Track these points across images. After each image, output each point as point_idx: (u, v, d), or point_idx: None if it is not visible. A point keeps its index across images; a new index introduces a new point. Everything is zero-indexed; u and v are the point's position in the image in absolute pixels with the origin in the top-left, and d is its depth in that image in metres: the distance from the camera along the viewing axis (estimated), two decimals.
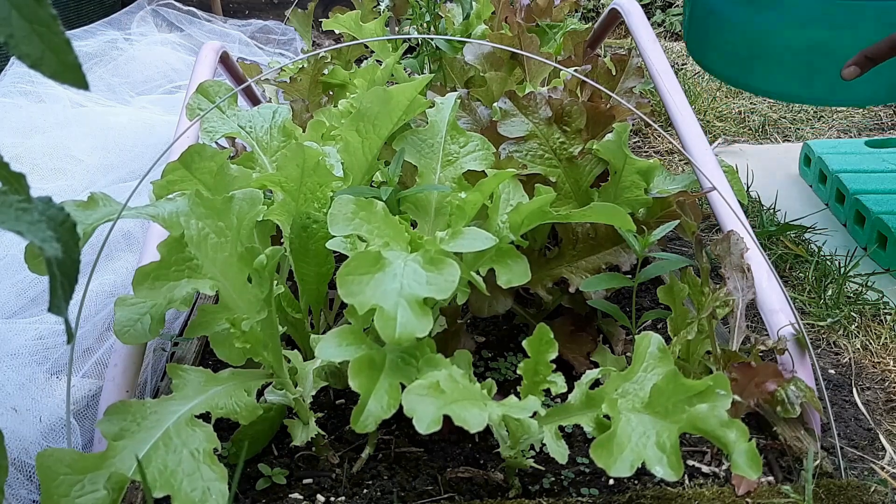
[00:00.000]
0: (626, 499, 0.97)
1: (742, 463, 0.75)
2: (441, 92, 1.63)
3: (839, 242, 1.70)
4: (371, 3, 2.50)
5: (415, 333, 0.81)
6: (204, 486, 0.81)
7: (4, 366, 1.14)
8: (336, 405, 1.19)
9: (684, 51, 3.25)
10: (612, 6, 1.80)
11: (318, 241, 1.14)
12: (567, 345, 1.24)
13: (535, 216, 1.02)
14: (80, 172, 1.71)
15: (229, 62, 1.91)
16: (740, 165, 1.94)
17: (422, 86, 1.17)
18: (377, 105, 1.17)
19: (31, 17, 0.49)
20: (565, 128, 1.27)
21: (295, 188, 1.14)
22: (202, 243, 0.92)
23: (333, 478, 1.04)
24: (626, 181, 1.24)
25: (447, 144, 1.21)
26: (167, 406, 0.89)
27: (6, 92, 1.95)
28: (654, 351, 0.91)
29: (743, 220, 1.16)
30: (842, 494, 0.95)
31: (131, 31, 2.70)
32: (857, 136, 2.42)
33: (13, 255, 1.38)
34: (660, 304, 1.36)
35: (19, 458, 1.03)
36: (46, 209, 0.53)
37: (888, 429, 1.15)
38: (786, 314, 1.11)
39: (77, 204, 0.91)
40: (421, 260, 0.87)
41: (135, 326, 0.96)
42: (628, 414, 0.83)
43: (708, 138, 1.86)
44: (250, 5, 4.17)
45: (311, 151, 1.11)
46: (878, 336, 1.37)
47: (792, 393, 1.01)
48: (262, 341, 0.95)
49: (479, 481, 1.03)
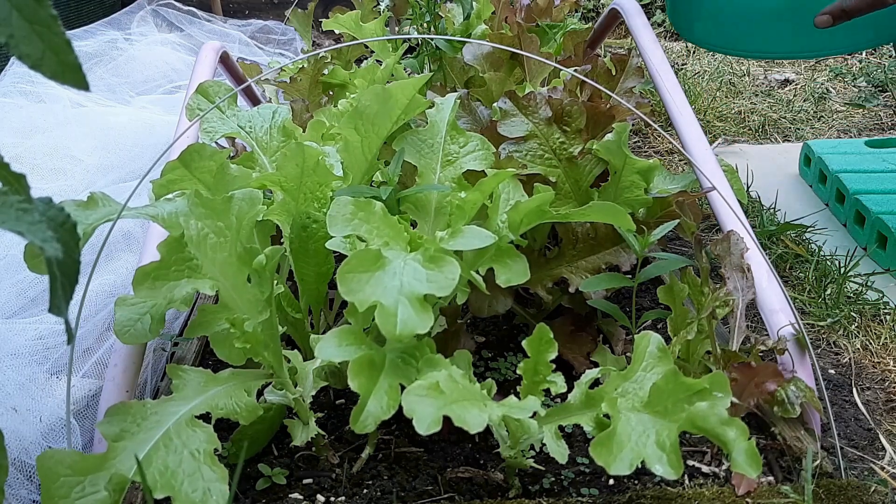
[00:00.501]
0: (626, 499, 0.97)
1: (742, 461, 0.75)
2: (441, 92, 1.63)
3: (839, 242, 1.70)
4: (371, 3, 2.50)
5: (415, 330, 0.81)
6: (204, 486, 0.81)
7: (4, 366, 1.14)
8: (336, 405, 1.19)
9: (684, 51, 3.26)
10: (612, 6, 1.80)
11: (317, 241, 1.14)
12: (567, 345, 1.24)
13: (534, 215, 1.02)
14: (80, 172, 1.71)
15: (229, 62, 1.91)
16: (740, 165, 1.94)
17: (421, 84, 1.17)
18: (376, 103, 1.17)
19: (31, 18, 0.49)
20: (565, 128, 1.27)
21: (295, 188, 1.14)
22: (202, 243, 0.92)
23: (333, 478, 1.04)
24: (625, 181, 1.24)
25: (447, 144, 1.21)
26: (167, 407, 0.89)
27: (6, 92, 1.95)
28: (653, 350, 0.91)
29: (743, 220, 1.16)
30: (842, 494, 0.95)
31: (131, 31, 2.70)
32: (857, 136, 2.42)
33: (13, 254, 1.38)
34: (660, 304, 1.36)
35: (19, 458, 1.03)
36: (47, 209, 0.53)
37: (888, 429, 1.15)
38: (786, 314, 1.11)
39: (77, 204, 0.91)
40: (421, 258, 0.88)
41: (135, 326, 0.96)
42: (628, 413, 0.83)
43: (708, 138, 1.86)
44: (250, 5, 4.17)
45: (310, 151, 1.11)
46: (878, 336, 1.37)
47: (792, 393, 1.01)
48: (262, 341, 0.95)
49: (479, 481, 1.03)
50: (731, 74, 2.97)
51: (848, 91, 2.80)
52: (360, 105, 1.17)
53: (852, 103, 2.67)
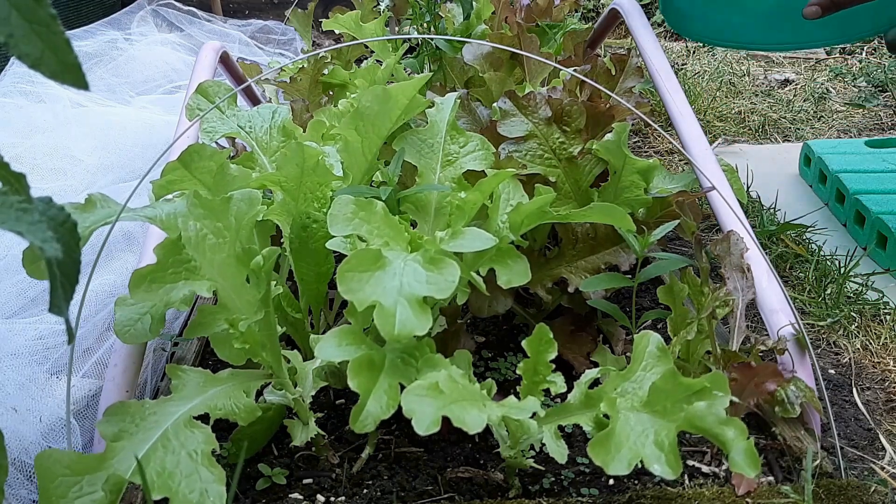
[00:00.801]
0: (626, 499, 0.97)
1: (740, 461, 0.75)
2: (441, 92, 1.63)
3: (839, 242, 1.70)
4: (371, 3, 2.50)
5: (413, 331, 0.81)
6: (202, 487, 0.81)
7: (4, 366, 1.14)
8: (336, 405, 1.19)
9: (684, 51, 3.25)
10: (612, 6, 1.80)
11: (317, 241, 1.14)
12: (567, 345, 1.24)
13: (534, 216, 1.02)
14: (80, 172, 1.71)
15: (229, 62, 1.91)
16: (740, 165, 1.94)
17: (421, 84, 1.17)
18: (376, 104, 1.17)
19: (30, 17, 0.49)
20: (565, 128, 1.27)
21: (294, 188, 1.13)
22: (200, 244, 0.92)
23: (333, 478, 1.04)
24: (625, 181, 1.24)
25: (447, 144, 1.21)
26: (166, 407, 0.89)
27: (6, 92, 1.95)
28: (652, 350, 0.91)
29: (743, 220, 1.16)
30: (842, 494, 0.95)
31: (131, 31, 2.70)
32: (857, 136, 2.42)
33: (13, 255, 1.38)
34: (660, 304, 1.36)
35: (19, 457, 1.03)
36: (47, 209, 0.53)
37: (888, 429, 1.15)
38: (786, 314, 1.11)
39: (75, 206, 0.91)
40: (421, 259, 0.87)
41: (135, 326, 0.95)
42: (627, 413, 0.83)
43: (708, 138, 1.86)
44: (250, 5, 4.17)
45: (310, 151, 1.11)
46: (878, 336, 1.37)
47: (792, 393, 1.01)
48: (261, 342, 0.95)
49: (479, 481, 1.03)
50: (731, 74, 2.97)
51: (848, 91, 2.80)
52: (360, 106, 1.17)
53: (852, 103, 2.67)
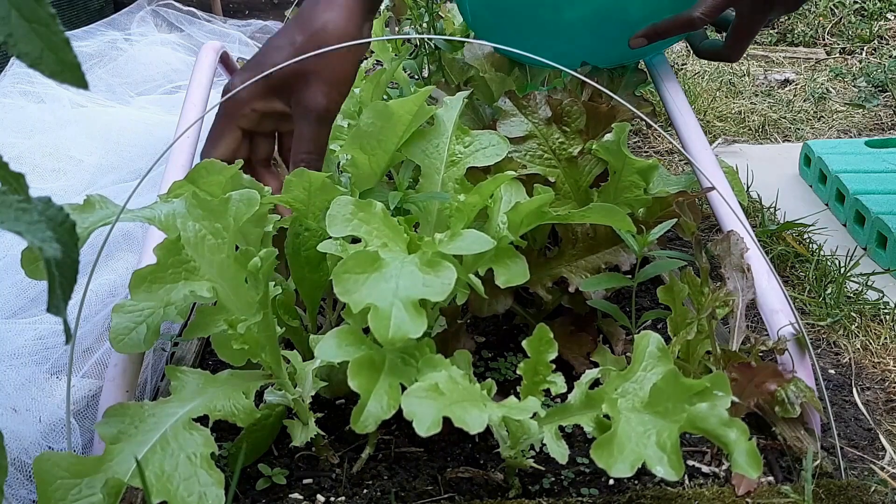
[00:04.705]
0: (626, 499, 0.97)
1: (742, 462, 0.75)
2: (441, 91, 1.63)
3: (839, 242, 1.70)
4: None
5: (408, 334, 0.80)
6: (200, 490, 0.80)
7: (4, 366, 1.14)
8: (336, 405, 1.19)
9: (684, 51, 3.25)
10: None
11: (309, 249, 1.13)
12: (567, 345, 1.24)
13: (534, 216, 1.02)
14: (80, 173, 1.71)
15: (229, 62, 1.91)
16: (740, 165, 1.93)
17: (422, 99, 1.16)
18: (378, 120, 1.16)
19: (30, 16, 0.48)
20: (565, 128, 1.27)
21: (304, 208, 1.13)
22: (199, 245, 0.91)
23: (333, 478, 1.04)
24: (625, 181, 1.24)
25: (452, 145, 1.20)
26: (165, 409, 0.89)
27: (6, 92, 1.95)
28: (653, 350, 0.91)
29: (743, 220, 1.16)
30: (842, 494, 0.95)
31: (131, 32, 2.70)
32: (857, 136, 2.42)
33: (13, 254, 1.38)
34: (660, 304, 1.36)
35: (19, 458, 1.03)
36: (46, 209, 0.53)
37: (888, 429, 1.14)
38: (786, 314, 1.11)
39: (73, 207, 0.91)
40: (418, 262, 0.87)
41: (129, 336, 0.95)
42: (628, 413, 0.83)
43: (708, 138, 1.86)
44: (250, 5, 4.17)
45: (314, 175, 1.09)
46: (878, 336, 1.37)
47: (792, 393, 1.01)
48: (260, 342, 0.94)
49: (479, 481, 1.03)
50: (731, 74, 2.97)
51: (848, 91, 2.80)
52: (361, 124, 1.17)
53: (852, 103, 2.67)
